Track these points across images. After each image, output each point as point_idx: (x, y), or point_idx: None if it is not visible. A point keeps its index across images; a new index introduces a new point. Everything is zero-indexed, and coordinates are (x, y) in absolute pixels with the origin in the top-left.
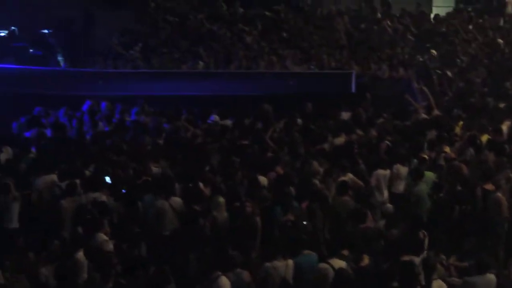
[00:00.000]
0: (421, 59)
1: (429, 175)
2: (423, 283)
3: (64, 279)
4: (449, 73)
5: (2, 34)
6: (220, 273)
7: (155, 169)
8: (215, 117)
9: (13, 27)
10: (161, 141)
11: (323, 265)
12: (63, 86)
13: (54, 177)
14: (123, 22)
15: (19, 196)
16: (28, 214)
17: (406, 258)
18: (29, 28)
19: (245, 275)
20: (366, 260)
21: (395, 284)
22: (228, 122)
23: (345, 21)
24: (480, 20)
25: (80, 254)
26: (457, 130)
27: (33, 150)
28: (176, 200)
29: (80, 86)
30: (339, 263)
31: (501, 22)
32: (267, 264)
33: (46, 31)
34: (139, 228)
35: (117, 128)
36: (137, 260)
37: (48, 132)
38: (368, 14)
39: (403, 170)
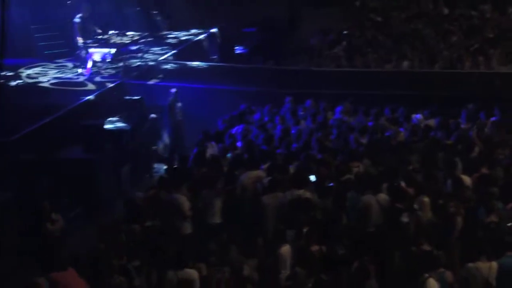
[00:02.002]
0: None
1: None
2: None
3: (267, 274)
4: None
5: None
6: (427, 275)
7: (356, 169)
8: (420, 117)
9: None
10: (364, 140)
11: None
12: (268, 83)
13: (259, 173)
14: (328, 21)
15: (223, 191)
16: (231, 209)
17: None
18: (234, 26)
19: (448, 275)
20: None
21: None
22: (432, 122)
23: None
24: None
25: (283, 249)
26: None
27: (238, 146)
28: (383, 197)
29: (285, 84)
30: None
31: None
32: (470, 264)
33: (249, 29)
34: (343, 225)
35: (321, 126)
36: (339, 256)
37: (253, 129)
38: None
39: None
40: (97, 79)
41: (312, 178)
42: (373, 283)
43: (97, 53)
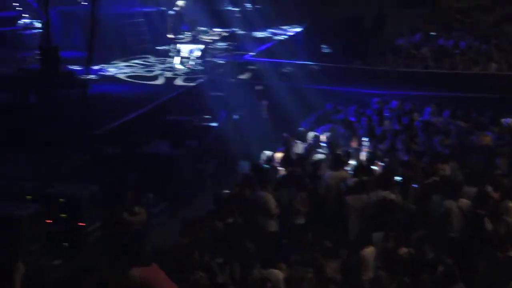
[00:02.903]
0: None
1: None
2: None
3: (350, 275)
4: None
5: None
6: None
7: (442, 171)
8: (509, 120)
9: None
10: (451, 143)
11: None
12: (354, 83)
13: (342, 173)
14: (415, 22)
15: (307, 190)
16: (315, 209)
17: None
18: (321, 25)
19: None
20: None
21: None
22: None
23: None
24: None
25: (367, 251)
26: None
27: (323, 145)
28: (464, 202)
29: (371, 84)
30: None
31: None
32: None
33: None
34: (427, 228)
35: (406, 128)
36: (428, 260)
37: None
38: None
39: None
40: (185, 75)
41: (398, 179)
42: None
43: (185, 49)
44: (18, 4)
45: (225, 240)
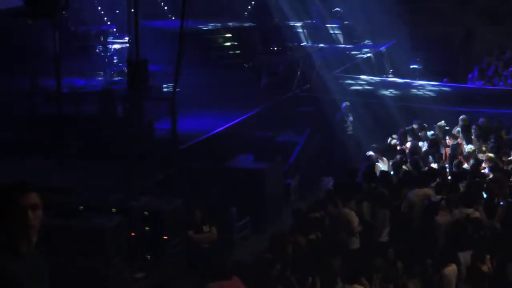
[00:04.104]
0: None
1: None
2: None
3: None
4: None
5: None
6: None
7: None
8: None
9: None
10: None
11: None
12: (441, 101)
13: (427, 190)
14: (501, 39)
15: (391, 208)
16: (399, 226)
17: None
18: (409, 41)
19: None
20: None
21: None
22: None
23: None
24: None
25: (449, 270)
26: None
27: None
28: None
29: (458, 101)
30: None
31: None
32: None
33: None
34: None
35: (494, 145)
36: (507, 280)
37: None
38: None
39: None
40: (271, 90)
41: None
42: None
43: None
44: (107, 18)
45: (307, 255)
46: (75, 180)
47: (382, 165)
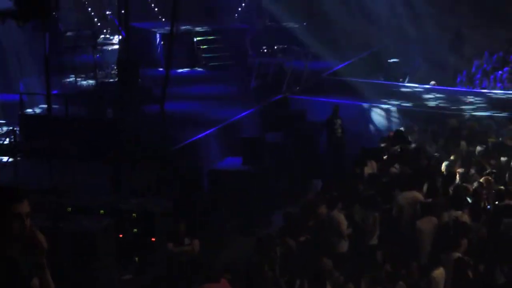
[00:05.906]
0: None
1: None
2: None
3: None
4: None
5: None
6: None
7: None
8: None
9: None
10: None
11: None
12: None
13: (415, 194)
14: (493, 42)
15: (379, 210)
16: (387, 229)
17: None
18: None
19: None
20: None
21: None
22: None
23: None
24: None
25: (437, 273)
26: None
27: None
28: None
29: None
30: None
31: None
32: None
33: None
34: (498, 250)
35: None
36: (494, 284)
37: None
38: None
39: None
40: (261, 91)
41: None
42: None
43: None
44: (97, 20)
45: (296, 258)
46: (65, 182)
47: (371, 168)
